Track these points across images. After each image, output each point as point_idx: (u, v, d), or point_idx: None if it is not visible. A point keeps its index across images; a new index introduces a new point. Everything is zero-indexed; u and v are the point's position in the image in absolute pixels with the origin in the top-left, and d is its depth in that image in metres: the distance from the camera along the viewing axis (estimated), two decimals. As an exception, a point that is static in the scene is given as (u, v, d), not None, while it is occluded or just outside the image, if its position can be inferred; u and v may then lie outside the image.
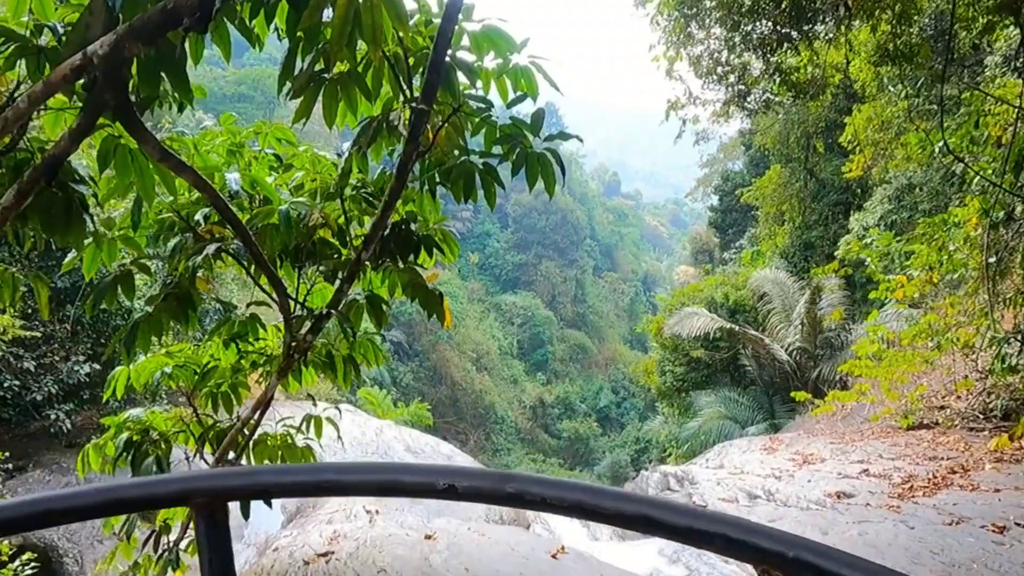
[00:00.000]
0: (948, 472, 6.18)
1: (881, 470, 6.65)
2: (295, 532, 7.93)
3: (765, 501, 6.71)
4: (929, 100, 13.11)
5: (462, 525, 6.58)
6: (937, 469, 6.31)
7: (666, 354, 21.99)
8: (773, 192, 24.47)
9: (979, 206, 6.61)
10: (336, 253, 3.58)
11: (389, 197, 2.80)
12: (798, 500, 6.39)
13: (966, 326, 7.41)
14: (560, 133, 2.89)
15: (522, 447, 54.94)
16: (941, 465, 6.43)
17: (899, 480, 6.30)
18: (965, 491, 5.75)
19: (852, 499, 6.12)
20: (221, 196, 2.74)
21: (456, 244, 3.65)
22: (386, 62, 2.80)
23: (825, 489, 6.46)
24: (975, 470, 6.14)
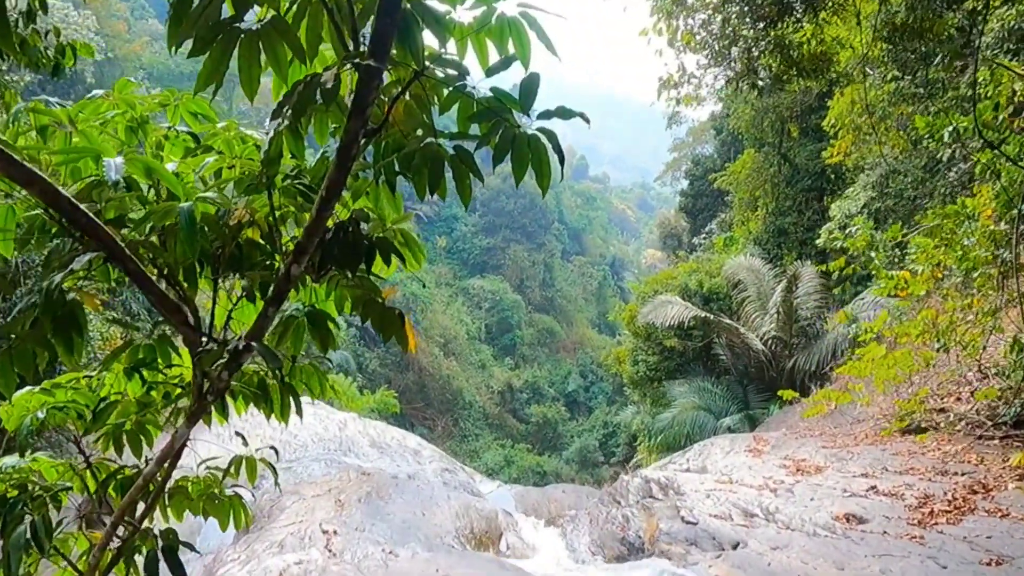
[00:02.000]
0: (968, 492, 5.67)
1: (891, 487, 6.11)
2: (244, 554, 7.17)
3: (764, 521, 6.13)
4: (916, 83, 12.62)
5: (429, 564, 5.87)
6: (955, 488, 5.80)
7: (639, 343, 21.50)
8: (747, 177, 24.05)
9: (1002, 196, 6.07)
10: (270, 259, 2.82)
11: (327, 191, 2.05)
12: (803, 523, 5.82)
13: (973, 325, 6.92)
14: (560, 108, 2.15)
15: (490, 432, 54.61)
16: (957, 483, 5.92)
17: (914, 501, 5.76)
18: (994, 518, 5.23)
19: (866, 525, 5.56)
20: (63, 192, 1.97)
21: (421, 249, 2.91)
22: (323, 5, 2.03)
23: (832, 510, 5.90)
24: (998, 490, 5.63)
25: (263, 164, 2.29)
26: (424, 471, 15.31)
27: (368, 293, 2.68)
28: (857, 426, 9.15)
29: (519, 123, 2.24)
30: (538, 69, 2.59)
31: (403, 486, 10.35)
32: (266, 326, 2.33)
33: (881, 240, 8.62)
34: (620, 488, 9.33)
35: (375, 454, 17.00)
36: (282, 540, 7.06)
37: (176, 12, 1.90)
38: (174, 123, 2.91)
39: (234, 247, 2.75)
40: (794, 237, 21.97)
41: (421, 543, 7.03)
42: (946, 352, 7.30)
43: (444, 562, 5.96)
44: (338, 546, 6.69)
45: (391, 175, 2.57)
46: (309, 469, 14.05)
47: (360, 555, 6.15)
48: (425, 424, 51.76)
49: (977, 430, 7.11)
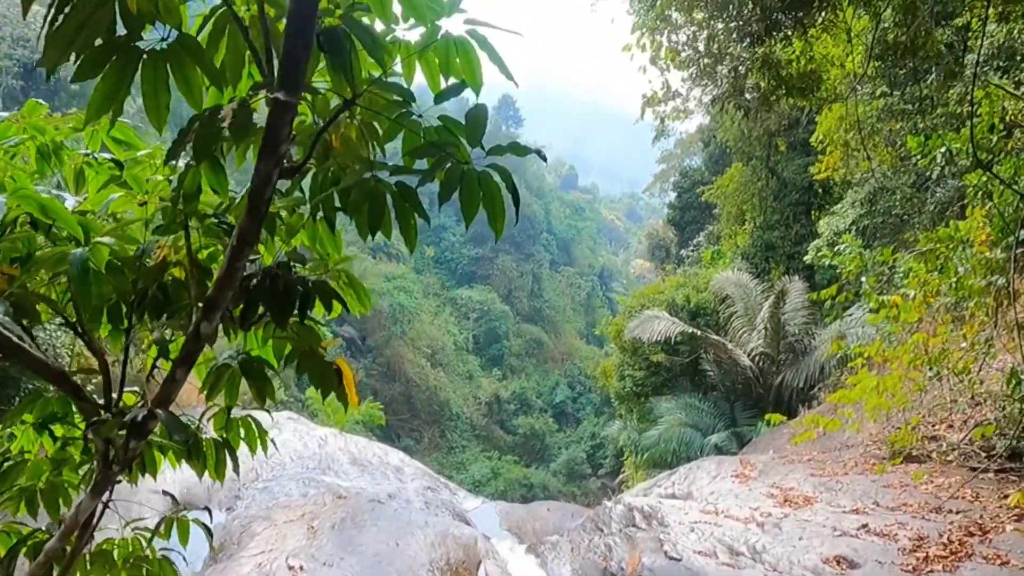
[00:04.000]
0: (964, 533, 5.40)
1: (883, 525, 5.84)
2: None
3: (751, 561, 5.84)
4: (905, 100, 12.47)
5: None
6: (950, 528, 5.53)
7: (625, 357, 21.23)
8: (734, 191, 23.89)
9: (997, 222, 5.85)
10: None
11: (238, 240, 1.76)
12: (791, 565, 5.53)
13: (966, 352, 6.68)
14: (512, 144, 1.86)
15: (477, 444, 54.15)
16: (952, 522, 5.65)
17: (908, 543, 5.49)
18: (992, 565, 4.95)
19: (857, 570, 5.27)
20: None
21: (366, 292, 2.62)
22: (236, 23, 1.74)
23: (822, 551, 5.61)
24: (995, 532, 5.37)
25: (175, 203, 1.99)
26: (405, 490, 14.95)
27: (305, 344, 2.38)
28: (847, 452, 8.89)
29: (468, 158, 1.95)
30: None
31: (379, 511, 10.00)
32: (175, 391, 2.02)
33: (870, 258, 8.39)
34: (603, 515, 9.03)
35: (355, 472, 16.59)
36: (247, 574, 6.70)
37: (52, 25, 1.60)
38: (93, 149, 2.61)
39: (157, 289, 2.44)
40: (782, 251, 21.81)
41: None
42: (939, 380, 7.06)
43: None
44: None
45: (330, 211, 2.28)
46: (286, 489, 13.65)
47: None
48: (411, 436, 51.27)
49: (970, 461, 6.87)
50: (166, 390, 2.03)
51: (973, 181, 6.51)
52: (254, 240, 1.79)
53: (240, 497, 13.59)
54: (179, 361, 2.00)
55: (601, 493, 34.64)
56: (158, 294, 2.44)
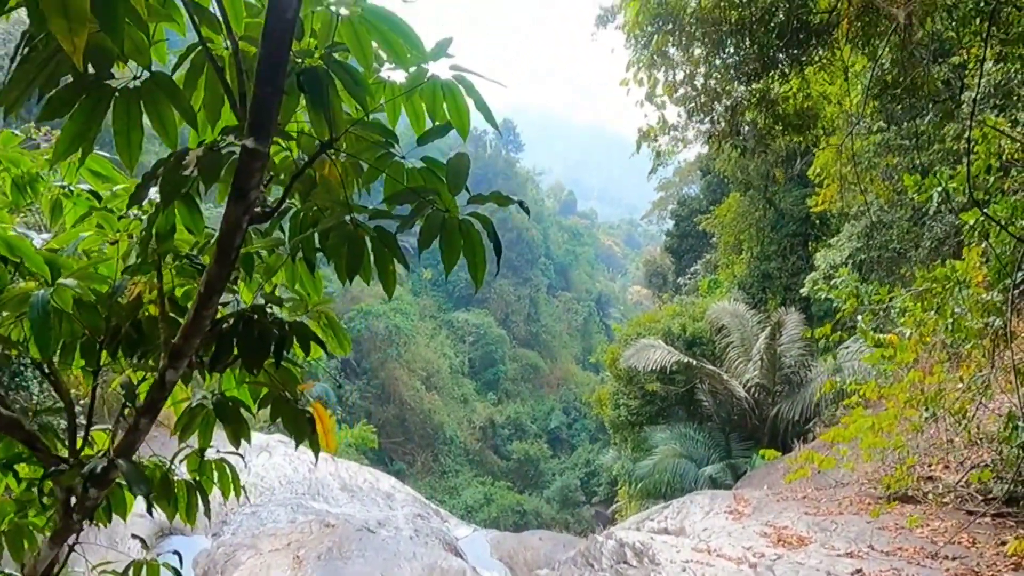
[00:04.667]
0: (961, 583, 5.30)
1: (878, 571, 5.71)
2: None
3: (742, 605, 5.72)
4: (901, 136, 12.51)
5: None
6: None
7: (620, 386, 21.10)
8: (732, 220, 23.94)
9: (994, 264, 5.79)
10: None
11: (205, 287, 1.69)
12: (784, 612, 5.42)
13: (962, 392, 6.60)
14: (494, 194, 1.80)
15: (471, 469, 53.68)
16: (948, 569, 5.53)
17: (903, 592, 5.38)
18: (990, 618, 4.85)
19: (851, 619, 5.17)
20: None
21: (346, 336, 2.54)
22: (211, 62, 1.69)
23: (815, 598, 5.50)
24: (992, 582, 5.27)
25: (143, 242, 1.92)
26: (395, 517, 14.76)
27: (279, 388, 2.30)
28: (841, 490, 8.77)
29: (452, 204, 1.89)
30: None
31: (367, 541, 9.83)
32: (138, 440, 1.94)
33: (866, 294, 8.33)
34: (594, 549, 8.88)
35: (345, 498, 16.41)
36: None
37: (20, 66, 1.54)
38: (70, 181, 2.55)
39: (131, 327, 2.36)
40: (778, 282, 21.79)
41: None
42: (934, 420, 6.98)
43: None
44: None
45: (310, 253, 2.21)
46: (274, 515, 13.49)
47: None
48: (404, 459, 50.86)
49: (967, 504, 6.76)
50: (129, 439, 1.94)
51: (970, 220, 6.48)
52: (222, 288, 1.72)
53: (227, 523, 13.40)
54: (143, 410, 1.92)
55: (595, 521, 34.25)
56: (132, 332, 2.37)
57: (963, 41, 6.82)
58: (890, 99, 7.22)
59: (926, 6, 5.87)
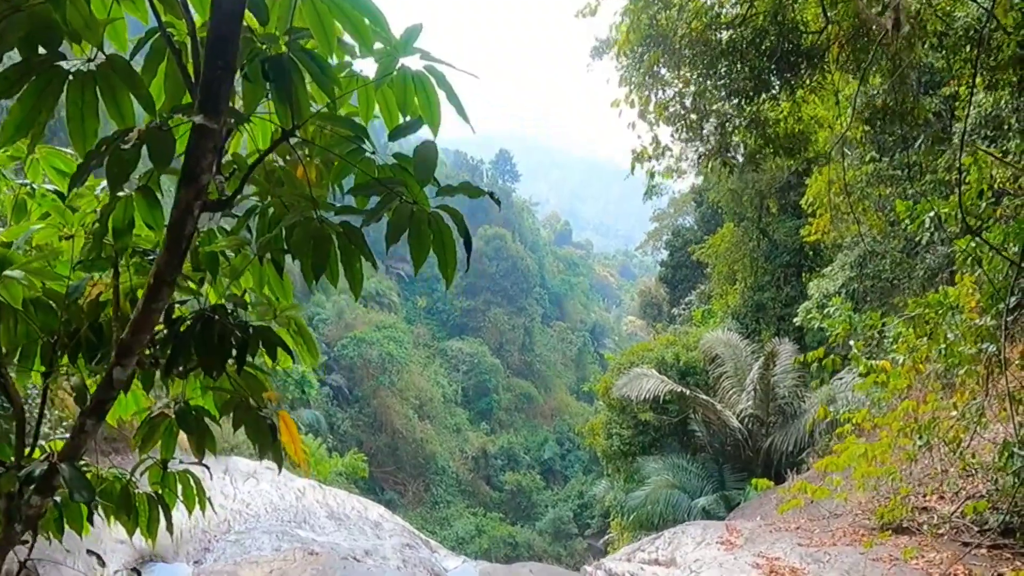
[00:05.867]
0: (957, 617, 5.15)
1: (871, 603, 5.57)
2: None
3: (732, 638, 5.55)
4: (894, 166, 12.55)
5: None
6: (941, 609, 5.28)
7: (613, 415, 20.91)
8: (725, 251, 23.97)
9: (987, 288, 5.74)
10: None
11: (155, 279, 1.60)
12: (775, 645, 5.25)
13: (956, 421, 6.50)
14: (464, 184, 1.73)
15: (463, 500, 53.05)
16: (944, 602, 5.40)
17: (898, 625, 5.22)
18: (987, 652, 4.70)
19: (844, 652, 5.00)
20: None
21: (315, 344, 2.45)
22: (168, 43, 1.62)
23: (807, 631, 5.34)
24: (989, 615, 5.12)
25: (97, 236, 1.84)
26: (383, 547, 14.45)
27: (243, 395, 2.20)
28: (835, 521, 8.61)
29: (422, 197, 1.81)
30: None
31: (351, 570, 9.59)
32: (83, 443, 1.83)
33: (859, 322, 8.27)
34: (583, 581, 8.68)
35: (332, 526, 16.08)
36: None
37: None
38: (34, 180, 2.46)
39: (90, 330, 2.27)
40: (772, 312, 21.75)
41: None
42: (928, 449, 6.86)
43: None
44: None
45: (277, 253, 2.12)
46: (259, 543, 13.18)
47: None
48: (395, 489, 50.26)
49: (963, 535, 6.62)
50: (74, 443, 1.84)
51: (962, 247, 6.45)
52: (173, 279, 1.63)
53: (210, 550, 13.10)
54: (89, 411, 1.82)
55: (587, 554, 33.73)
56: (91, 336, 2.27)
57: (954, 69, 6.85)
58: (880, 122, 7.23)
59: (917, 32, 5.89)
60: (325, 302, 54.27)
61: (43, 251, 2.13)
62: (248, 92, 1.81)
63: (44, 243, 2.15)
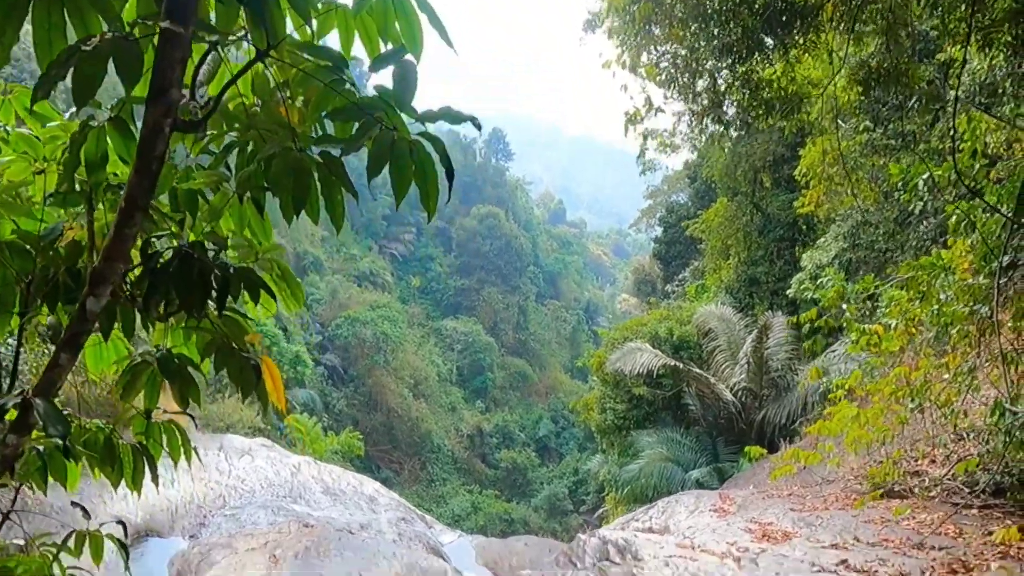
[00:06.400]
0: (947, 571, 5.17)
1: (863, 561, 5.60)
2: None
3: (725, 598, 5.59)
4: (888, 135, 12.50)
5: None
6: (932, 565, 5.30)
7: (607, 390, 20.97)
8: (719, 225, 23.92)
9: (980, 248, 5.73)
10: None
11: (126, 202, 1.54)
12: (767, 603, 5.29)
13: (949, 384, 6.51)
14: (444, 109, 1.67)
15: (458, 477, 53.39)
16: (935, 559, 5.43)
17: (889, 581, 5.27)
18: (977, 605, 4.74)
19: (835, 608, 5.04)
20: None
21: (299, 287, 2.40)
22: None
23: (799, 589, 5.38)
24: (979, 570, 5.14)
25: (67, 167, 1.78)
26: (378, 521, 14.51)
27: (223, 338, 2.15)
28: (827, 487, 8.66)
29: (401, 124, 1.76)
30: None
31: (346, 541, 9.62)
32: (57, 377, 1.78)
33: (852, 292, 8.26)
34: (577, 548, 8.72)
35: (327, 502, 16.14)
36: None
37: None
38: (7, 122, 2.40)
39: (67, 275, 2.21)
40: (766, 287, 21.77)
41: (348, 613, 6.35)
42: (921, 412, 6.88)
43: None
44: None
45: (257, 191, 2.06)
46: (254, 517, 13.22)
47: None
48: (391, 467, 50.50)
49: (954, 497, 6.66)
50: (48, 377, 1.79)
51: (954, 211, 6.42)
52: (146, 203, 1.57)
53: (205, 525, 13.14)
54: (63, 344, 1.77)
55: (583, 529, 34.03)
56: (68, 281, 2.22)
57: (948, 29, 6.78)
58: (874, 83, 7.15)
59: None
60: (319, 282, 54.21)
61: (13, 185, 2.07)
62: (222, 15, 1.74)
63: (17, 179, 2.09)
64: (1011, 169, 6.06)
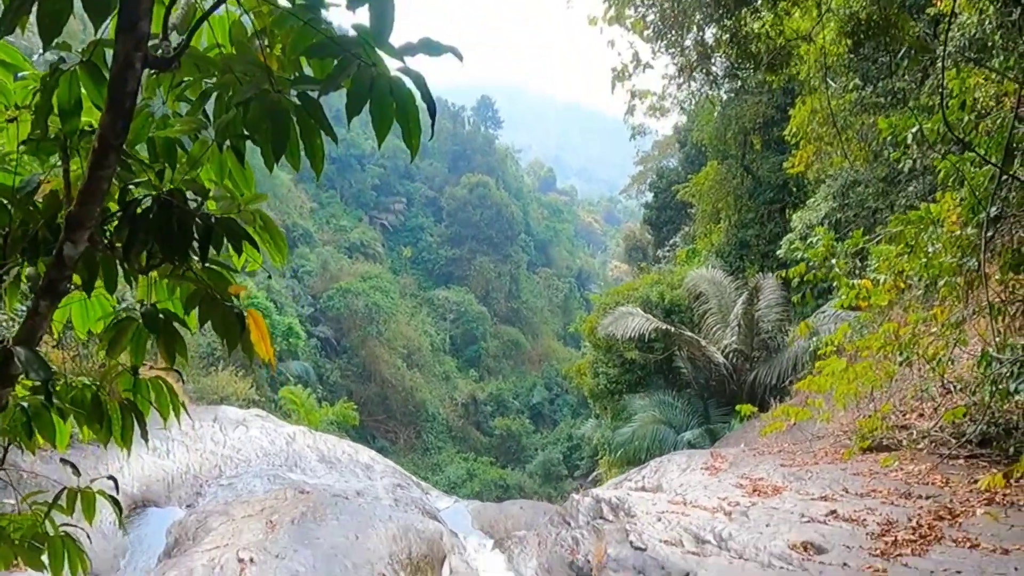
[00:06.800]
0: (934, 518, 5.27)
1: (852, 511, 5.70)
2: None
3: (716, 548, 5.67)
4: (877, 93, 12.43)
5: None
6: (919, 513, 5.40)
7: (599, 355, 21.09)
8: (709, 189, 23.88)
9: (968, 200, 5.72)
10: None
11: (99, 140, 1.51)
12: (757, 552, 5.36)
13: (937, 338, 6.56)
14: (424, 41, 1.63)
15: (453, 445, 53.85)
16: (922, 507, 5.52)
17: (877, 528, 5.34)
18: (962, 548, 4.82)
19: (824, 555, 5.12)
20: None
21: (283, 238, 2.37)
22: None
23: (788, 538, 5.45)
24: (965, 516, 5.24)
25: (39, 111, 1.74)
26: (374, 487, 14.62)
27: (205, 287, 2.13)
28: (817, 443, 8.77)
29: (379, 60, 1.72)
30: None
31: (342, 506, 9.70)
32: (38, 325, 1.76)
33: (842, 249, 8.28)
34: (571, 508, 8.84)
35: (323, 469, 16.26)
36: (192, 569, 6.39)
37: None
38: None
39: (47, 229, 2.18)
40: (756, 250, 21.80)
41: (344, 572, 6.43)
42: (909, 366, 6.95)
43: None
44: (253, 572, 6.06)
45: (236, 139, 2.02)
46: (250, 486, 13.31)
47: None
48: (387, 437, 50.84)
49: (941, 448, 6.76)
50: (29, 325, 1.77)
51: (944, 167, 6.41)
52: (119, 143, 1.54)
53: (202, 494, 13.22)
54: (42, 291, 1.75)
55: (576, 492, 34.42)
56: (47, 235, 2.18)
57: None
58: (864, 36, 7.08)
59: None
60: (309, 254, 54.02)
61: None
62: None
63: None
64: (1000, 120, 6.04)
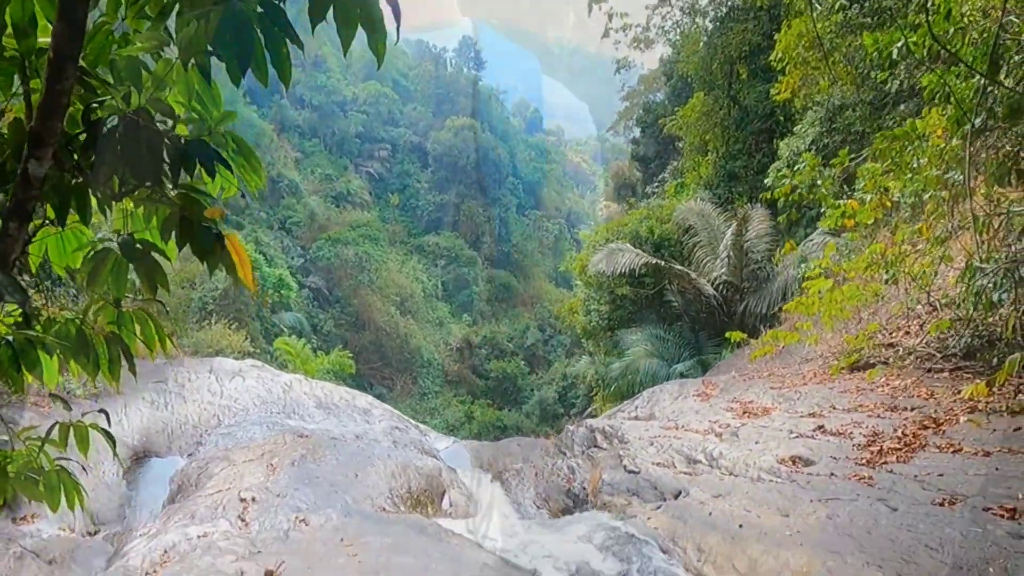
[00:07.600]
0: (918, 428, 5.39)
1: (839, 425, 5.82)
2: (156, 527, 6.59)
3: (708, 468, 5.81)
4: (864, 13, 12.20)
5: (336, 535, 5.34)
6: (904, 423, 5.52)
7: (591, 292, 21.19)
8: (696, 121, 23.62)
9: (954, 112, 5.67)
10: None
11: (54, 52, 1.46)
12: (747, 468, 5.50)
13: (922, 255, 6.60)
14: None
15: (450, 390, 54.54)
16: (907, 418, 5.64)
17: (863, 439, 5.47)
18: (946, 453, 4.94)
19: (812, 467, 5.25)
20: None
21: (259, 162, 2.34)
22: None
23: (778, 453, 5.58)
24: (949, 424, 5.36)
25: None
26: (372, 430, 14.84)
27: (181, 209, 2.11)
28: (805, 365, 8.91)
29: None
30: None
31: (341, 447, 9.85)
32: (10, 248, 1.74)
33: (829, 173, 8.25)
34: (566, 439, 9.00)
35: (321, 415, 16.45)
36: (195, 511, 6.51)
37: None
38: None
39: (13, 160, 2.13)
40: (744, 181, 21.72)
41: (344, 507, 6.56)
42: (895, 284, 7.00)
43: (354, 529, 5.49)
44: (253, 515, 6.18)
45: (201, 55, 1.97)
46: (249, 433, 13.47)
47: (268, 525, 5.66)
48: (384, 384, 51.40)
49: (926, 363, 6.87)
50: (2, 247, 1.75)
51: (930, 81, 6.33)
52: (75, 54, 1.50)
53: (202, 443, 13.38)
54: (9, 212, 1.72)
55: (572, 428, 34.94)
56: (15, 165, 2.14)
57: None
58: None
59: None
60: (296, 204, 53.56)
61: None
62: None
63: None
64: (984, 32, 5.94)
